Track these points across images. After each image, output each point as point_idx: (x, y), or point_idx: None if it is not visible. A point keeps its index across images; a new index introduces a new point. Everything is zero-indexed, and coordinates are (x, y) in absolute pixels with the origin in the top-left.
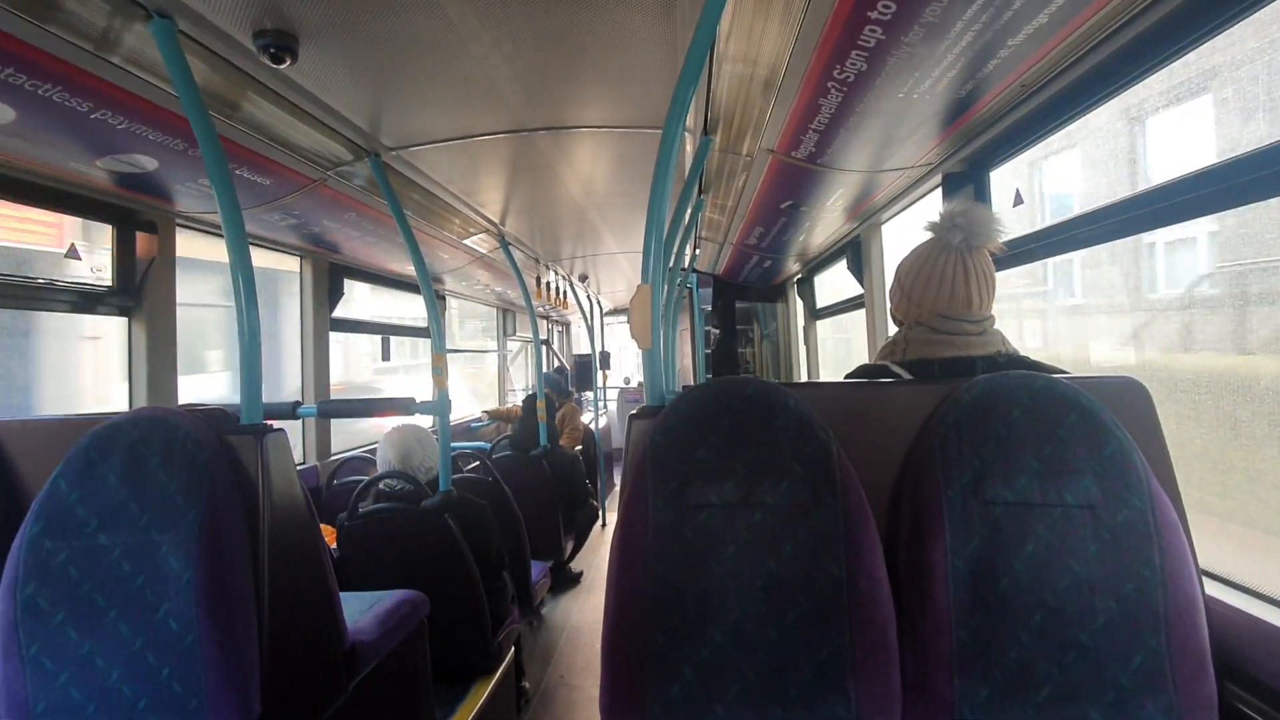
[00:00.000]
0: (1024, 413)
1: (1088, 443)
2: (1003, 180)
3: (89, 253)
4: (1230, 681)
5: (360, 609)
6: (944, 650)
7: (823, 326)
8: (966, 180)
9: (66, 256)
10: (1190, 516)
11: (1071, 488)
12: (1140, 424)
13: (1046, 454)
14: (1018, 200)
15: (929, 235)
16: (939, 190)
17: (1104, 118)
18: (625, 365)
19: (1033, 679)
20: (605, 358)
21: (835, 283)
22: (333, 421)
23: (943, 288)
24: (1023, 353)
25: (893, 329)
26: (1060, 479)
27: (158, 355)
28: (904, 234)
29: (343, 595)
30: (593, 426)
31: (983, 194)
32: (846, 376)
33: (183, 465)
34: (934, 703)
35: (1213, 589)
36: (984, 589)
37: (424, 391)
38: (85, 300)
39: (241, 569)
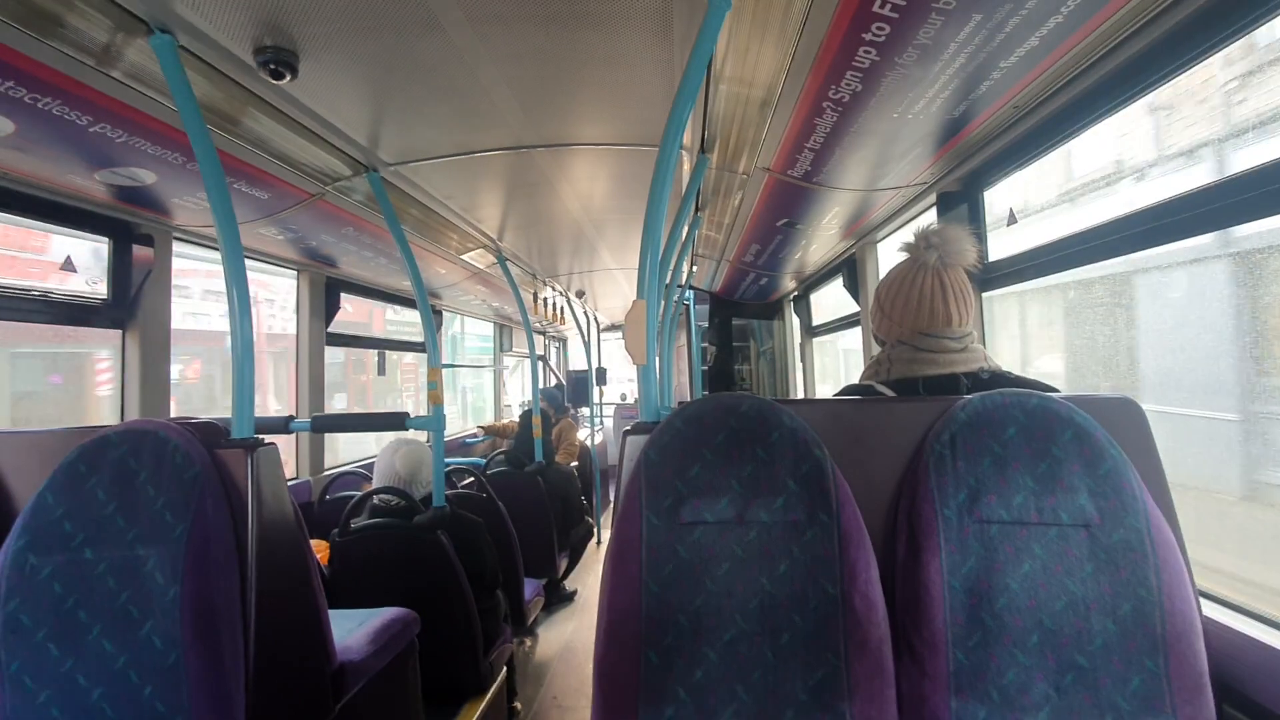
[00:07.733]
0: (1019, 431)
1: (1082, 461)
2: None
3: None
4: (1229, 704)
5: (350, 627)
6: (941, 671)
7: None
8: (961, 199)
9: (62, 269)
10: None
11: (1067, 506)
12: (1135, 443)
13: (1041, 472)
14: (1011, 219)
15: (904, 256)
16: (934, 209)
17: None
18: (622, 382)
19: (1030, 700)
20: (602, 374)
21: (831, 300)
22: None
23: (921, 305)
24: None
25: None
26: (1055, 498)
27: (151, 369)
28: (900, 252)
29: (332, 613)
30: (589, 443)
31: (977, 213)
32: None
33: (171, 479)
34: None
35: (1210, 610)
36: (981, 609)
37: None
38: (79, 313)
39: (228, 586)
